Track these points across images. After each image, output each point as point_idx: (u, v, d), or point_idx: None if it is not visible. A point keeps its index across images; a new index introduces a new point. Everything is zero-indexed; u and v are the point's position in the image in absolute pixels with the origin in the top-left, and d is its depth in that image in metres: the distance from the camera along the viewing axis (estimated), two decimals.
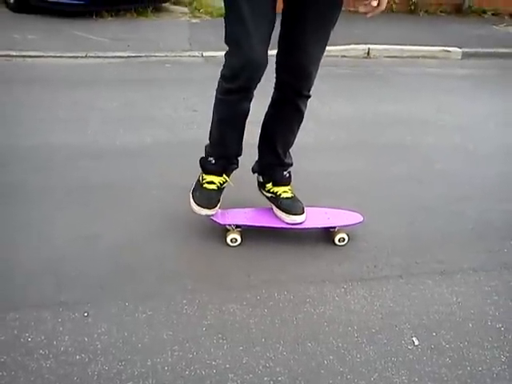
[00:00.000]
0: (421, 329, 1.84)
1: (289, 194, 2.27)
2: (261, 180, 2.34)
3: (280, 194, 2.27)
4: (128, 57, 5.15)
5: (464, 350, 1.76)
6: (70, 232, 2.26)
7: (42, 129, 3.32)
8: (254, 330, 1.79)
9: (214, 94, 2.05)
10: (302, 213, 2.23)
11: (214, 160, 2.16)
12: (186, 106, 3.83)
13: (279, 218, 2.25)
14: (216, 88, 2.02)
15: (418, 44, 6.05)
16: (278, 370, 1.64)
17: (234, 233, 2.21)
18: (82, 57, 5.04)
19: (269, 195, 2.31)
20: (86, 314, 1.80)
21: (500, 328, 1.87)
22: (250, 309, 1.89)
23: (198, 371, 1.61)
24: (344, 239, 2.27)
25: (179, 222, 2.35)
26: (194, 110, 3.69)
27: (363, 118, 3.86)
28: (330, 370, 1.65)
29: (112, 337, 1.72)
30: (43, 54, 4.96)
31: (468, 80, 5.22)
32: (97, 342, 1.69)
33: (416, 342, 1.78)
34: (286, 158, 2.29)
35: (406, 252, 2.28)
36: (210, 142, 2.19)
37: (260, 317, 1.85)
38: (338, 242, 2.26)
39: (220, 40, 1.98)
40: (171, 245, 2.23)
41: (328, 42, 2.04)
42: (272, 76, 2.09)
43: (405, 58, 5.88)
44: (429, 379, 1.64)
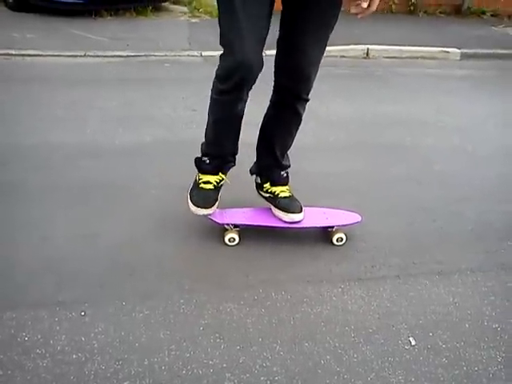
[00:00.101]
0: (418, 329, 1.85)
1: (287, 194, 2.28)
2: (258, 181, 2.35)
3: (278, 194, 2.27)
4: (127, 56, 5.15)
5: (460, 350, 1.76)
6: (70, 231, 2.26)
7: (41, 128, 3.32)
8: (251, 330, 1.79)
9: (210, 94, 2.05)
10: (300, 211, 2.23)
11: (208, 160, 2.16)
12: (185, 106, 3.83)
13: (277, 218, 2.26)
14: (211, 88, 2.02)
15: (417, 45, 6.06)
16: (274, 369, 1.64)
17: (232, 232, 2.22)
18: (81, 56, 5.03)
19: (267, 195, 2.32)
20: (83, 314, 1.80)
21: (496, 328, 1.88)
22: (248, 308, 1.89)
23: (195, 371, 1.62)
24: (342, 239, 2.27)
25: (178, 221, 2.35)
26: (193, 110, 3.69)
27: (362, 119, 3.86)
28: (326, 369, 1.66)
29: (109, 336, 1.72)
30: (42, 53, 4.95)
31: (467, 81, 5.22)
32: (94, 342, 1.69)
33: (413, 342, 1.78)
34: (283, 160, 2.29)
35: (404, 252, 2.28)
36: (205, 141, 2.19)
37: (257, 316, 1.86)
38: (336, 241, 2.27)
39: None
40: (169, 244, 2.23)
41: (328, 40, 2.03)
42: (268, 77, 2.08)
43: (404, 58, 5.88)
44: (425, 379, 1.64)
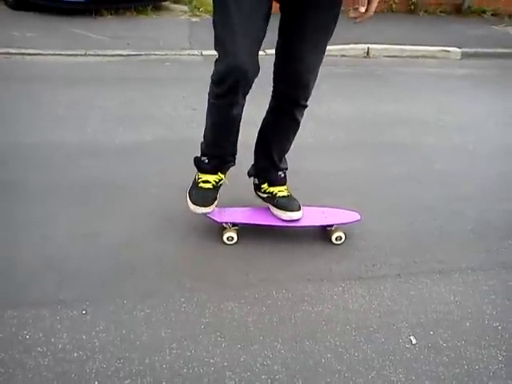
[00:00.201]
0: (418, 327, 1.85)
1: (285, 193, 2.28)
2: (256, 182, 2.35)
3: (276, 194, 2.27)
4: (128, 55, 5.14)
5: (461, 349, 1.77)
6: (70, 230, 2.26)
7: (41, 127, 3.32)
8: (251, 329, 1.79)
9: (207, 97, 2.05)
10: (298, 210, 2.24)
11: (207, 159, 2.16)
12: (186, 105, 3.83)
13: (276, 217, 2.26)
14: (208, 92, 2.01)
15: (417, 44, 6.05)
16: (275, 368, 1.64)
17: (231, 231, 2.22)
18: (81, 55, 5.03)
19: (265, 196, 2.32)
20: (84, 312, 1.80)
21: (497, 327, 1.88)
22: (248, 307, 1.89)
23: (196, 369, 1.62)
24: (341, 238, 2.27)
25: (178, 220, 2.35)
26: (194, 109, 3.69)
27: (363, 118, 3.86)
28: (327, 368, 1.66)
29: (110, 334, 1.72)
30: (42, 52, 4.95)
31: (468, 80, 5.22)
32: (95, 340, 1.69)
33: (414, 341, 1.79)
34: (281, 163, 2.30)
35: (404, 251, 2.28)
36: (204, 142, 2.19)
37: (258, 315, 1.86)
38: (335, 240, 2.27)
39: None
40: (169, 243, 2.23)
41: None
42: (269, 77, 2.08)
43: (404, 57, 5.88)
44: (426, 378, 1.64)
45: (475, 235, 2.45)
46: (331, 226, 2.29)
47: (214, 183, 2.17)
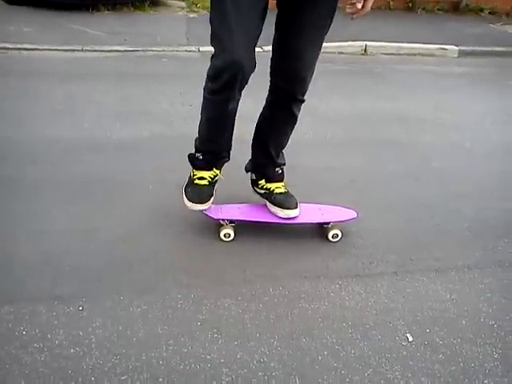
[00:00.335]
0: (415, 325, 1.85)
1: (282, 190, 2.28)
2: (254, 178, 2.35)
3: (273, 190, 2.27)
4: (125, 51, 5.12)
5: (457, 347, 1.77)
6: (67, 225, 2.26)
7: (38, 122, 3.30)
8: (248, 325, 1.80)
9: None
10: (295, 207, 2.24)
11: (201, 156, 2.16)
12: (183, 101, 3.82)
13: (273, 214, 2.26)
14: (203, 87, 2.01)
15: (415, 41, 6.04)
16: (272, 365, 1.65)
17: (228, 228, 2.21)
18: (78, 50, 5.00)
19: (262, 192, 2.32)
20: (80, 308, 1.80)
21: (493, 325, 1.89)
22: (245, 304, 1.89)
23: (193, 365, 1.62)
24: (337, 235, 2.27)
25: (175, 216, 2.35)
26: (191, 105, 3.68)
27: (360, 115, 3.86)
28: (324, 365, 1.66)
29: (107, 331, 1.72)
30: (39, 47, 4.92)
31: (465, 78, 5.22)
32: (91, 336, 1.69)
33: (410, 339, 1.79)
34: (278, 158, 2.29)
35: (401, 249, 2.29)
36: (198, 138, 2.18)
37: (255, 312, 1.86)
38: (332, 238, 2.27)
39: None
40: (167, 239, 2.23)
41: (325, 39, 2.03)
42: (266, 73, 2.08)
43: (402, 55, 5.87)
44: (422, 375, 1.65)
45: (472, 233, 2.46)
46: (328, 223, 2.29)
47: (209, 179, 2.17)
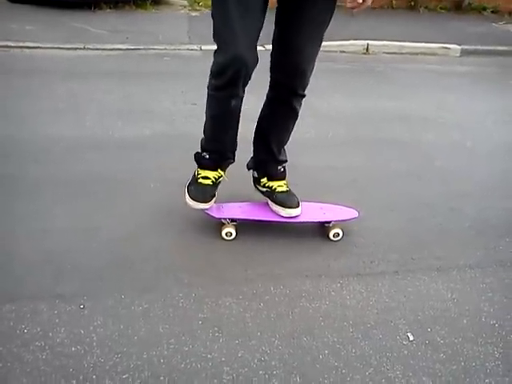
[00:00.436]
0: (416, 324, 1.85)
1: (284, 188, 2.28)
2: (256, 175, 2.35)
3: (275, 189, 2.27)
4: (127, 49, 5.13)
5: (458, 346, 1.77)
6: (69, 224, 2.26)
7: (40, 120, 3.31)
8: (249, 324, 1.80)
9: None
10: (297, 206, 2.23)
11: (207, 155, 2.16)
12: (185, 99, 3.82)
13: (275, 212, 2.26)
14: (207, 85, 2.01)
15: (417, 40, 6.03)
16: (273, 363, 1.65)
17: (229, 227, 2.22)
18: (80, 48, 5.01)
19: (264, 190, 2.32)
20: (82, 307, 1.80)
21: (494, 324, 1.88)
22: (246, 303, 1.89)
23: (194, 364, 1.62)
24: (339, 234, 2.27)
25: (176, 215, 2.35)
26: (193, 104, 3.68)
27: (362, 114, 3.85)
28: (325, 364, 1.66)
29: (108, 329, 1.72)
30: (41, 46, 4.93)
31: (467, 77, 5.21)
32: (93, 335, 1.70)
33: (411, 338, 1.79)
34: (280, 155, 2.29)
35: (403, 248, 2.28)
36: (204, 138, 2.19)
37: (256, 311, 1.86)
38: (333, 237, 2.27)
39: None
40: (168, 238, 2.23)
41: (326, 37, 2.03)
42: (264, 74, 2.07)
43: (404, 54, 5.87)
44: (423, 374, 1.65)
45: (474, 233, 2.45)
46: (329, 222, 2.29)
47: (213, 179, 2.17)
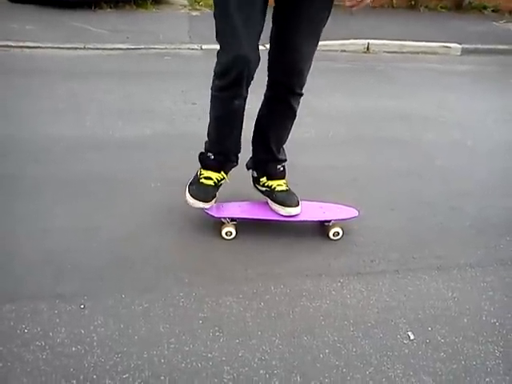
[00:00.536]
0: (416, 323, 1.85)
1: (283, 188, 2.28)
2: (255, 175, 2.35)
3: (275, 188, 2.27)
4: (127, 49, 5.13)
5: (459, 345, 1.77)
6: (69, 223, 2.26)
7: (40, 120, 3.30)
8: (250, 324, 1.80)
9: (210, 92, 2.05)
10: (297, 205, 2.23)
11: (213, 155, 2.17)
12: (185, 99, 3.82)
13: (274, 211, 2.26)
14: (211, 86, 2.01)
15: (418, 39, 6.03)
16: (273, 363, 1.64)
17: (229, 226, 2.21)
18: (80, 48, 5.01)
19: (263, 189, 2.32)
20: (82, 306, 1.80)
21: (495, 323, 1.88)
22: (247, 302, 1.89)
23: (194, 364, 1.62)
24: (338, 233, 2.27)
25: (177, 214, 2.35)
26: (193, 103, 3.68)
27: (362, 113, 3.85)
28: (325, 363, 1.66)
29: (108, 329, 1.72)
30: (41, 45, 4.93)
31: (468, 76, 5.21)
32: (93, 334, 1.70)
33: (411, 337, 1.79)
34: (279, 154, 2.29)
35: (403, 247, 2.28)
36: (208, 140, 2.20)
37: (256, 310, 1.86)
38: (333, 236, 2.27)
39: None
40: (169, 237, 2.23)
41: (327, 36, 2.03)
42: (263, 74, 2.07)
43: (405, 53, 5.86)
44: (424, 373, 1.65)
45: (474, 232, 2.45)
46: (329, 221, 2.29)
47: (215, 181, 2.17)
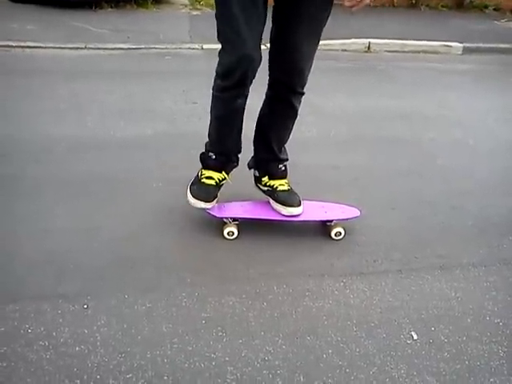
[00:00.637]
0: (420, 323, 1.85)
1: (285, 187, 2.28)
2: (257, 174, 2.35)
3: (276, 187, 2.27)
4: (128, 48, 5.13)
5: (462, 345, 1.77)
6: (71, 224, 2.26)
7: (41, 120, 3.30)
8: (253, 323, 1.79)
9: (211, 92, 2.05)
10: (298, 205, 2.23)
11: (214, 155, 2.17)
12: (186, 99, 3.82)
13: (276, 211, 2.25)
14: (212, 86, 2.01)
15: (419, 39, 6.03)
16: (276, 363, 1.64)
17: (231, 226, 2.21)
18: (81, 48, 5.01)
19: (265, 189, 2.32)
20: (85, 306, 1.80)
21: (498, 323, 1.88)
22: (250, 302, 1.89)
23: (197, 364, 1.62)
24: (340, 233, 2.27)
25: (179, 214, 2.35)
26: (194, 103, 3.68)
27: (364, 113, 3.85)
28: (328, 363, 1.66)
29: (111, 329, 1.72)
30: (42, 45, 4.93)
31: (469, 75, 5.21)
32: (96, 334, 1.69)
33: (415, 337, 1.79)
34: (281, 153, 2.29)
35: (405, 247, 2.28)
36: (209, 141, 2.20)
37: (259, 310, 1.86)
38: (335, 236, 2.26)
39: None
40: (171, 237, 2.22)
41: (328, 36, 2.03)
42: (264, 73, 2.07)
43: (406, 52, 5.86)
44: (427, 373, 1.65)
45: (476, 231, 2.45)
46: (331, 221, 2.29)
47: (217, 181, 2.17)
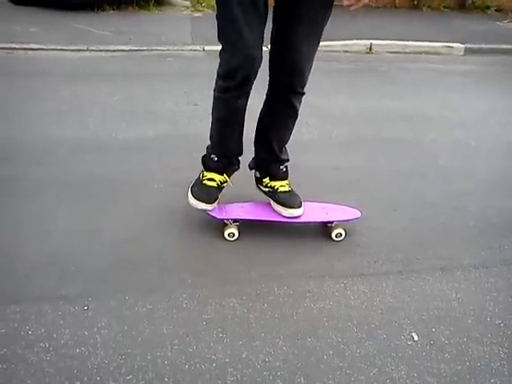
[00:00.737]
0: (420, 324, 1.85)
1: (286, 188, 2.28)
2: (258, 175, 2.35)
3: (277, 188, 2.27)
4: (130, 50, 5.14)
5: (463, 346, 1.76)
6: (72, 225, 2.26)
7: (43, 122, 3.31)
8: (253, 325, 1.79)
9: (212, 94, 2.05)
10: (299, 206, 2.23)
11: (216, 157, 2.17)
12: (188, 100, 3.82)
13: (277, 212, 2.25)
14: (214, 88, 2.01)
15: (420, 40, 6.03)
16: (277, 364, 1.64)
17: (232, 227, 2.21)
18: (83, 50, 5.02)
19: (266, 190, 2.32)
20: (86, 308, 1.80)
21: (499, 324, 1.88)
22: (250, 303, 1.89)
23: (198, 365, 1.62)
24: (341, 235, 2.26)
25: (180, 216, 2.35)
26: (196, 104, 3.69)
27: (365, 114, 3.85)
28: (329, 365, 1.66)
29: (112, 330, 1.72)
30: (44, 47, 4.94)
31: (471, 76, 5.20)
32: (97, 336, 1.70)
33: (415, 338, 1.78)
34: (281, 154, 2.29)
35: (406, 248, 2.28)
36: (210, 143, 2.20)
37: (260, 311, 1.86)
38: (335, 237, 2.26)
39: None
40: (172, 239, 2.23)
41: (330, 37, 2.03)
42: (265, 74, 2.08)
43: (407, 53, 5.86)
44: (428, 374, 1.64)
45: (478, 232, 2.45)
46: (331, 222, 2.28)
47: (218, 183, 2.18)
